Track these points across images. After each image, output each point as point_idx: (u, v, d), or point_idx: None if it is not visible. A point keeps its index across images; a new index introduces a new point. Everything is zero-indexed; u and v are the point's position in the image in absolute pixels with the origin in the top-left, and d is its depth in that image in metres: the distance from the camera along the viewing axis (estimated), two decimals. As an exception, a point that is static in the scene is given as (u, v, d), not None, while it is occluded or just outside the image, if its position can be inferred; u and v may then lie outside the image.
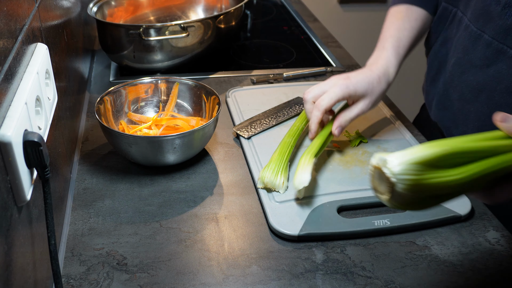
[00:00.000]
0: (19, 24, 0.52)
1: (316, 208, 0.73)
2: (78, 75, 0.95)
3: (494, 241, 0.71)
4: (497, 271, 0.66)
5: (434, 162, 0.48)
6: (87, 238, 0.69)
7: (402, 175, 0.46)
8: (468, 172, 0.50)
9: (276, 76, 1.13)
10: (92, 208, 0.74)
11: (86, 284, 0.62)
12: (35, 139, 0.46)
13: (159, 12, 1.31)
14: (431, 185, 0.48)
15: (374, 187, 0.50)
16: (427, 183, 0.47)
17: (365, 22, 2.15)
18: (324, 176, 0.80)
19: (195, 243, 0.69)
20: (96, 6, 1.15)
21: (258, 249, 0.68)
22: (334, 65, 1.22)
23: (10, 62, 0.47)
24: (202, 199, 0.77)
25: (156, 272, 0.64)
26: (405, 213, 0.73)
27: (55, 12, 0.75)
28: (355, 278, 0.64)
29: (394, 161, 0.47)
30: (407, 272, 0.65)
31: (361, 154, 0.86)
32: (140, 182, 0.80)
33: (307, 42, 1.36)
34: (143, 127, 0.88)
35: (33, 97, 0.51)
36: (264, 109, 0.99)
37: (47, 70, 0.59)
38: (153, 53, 1.08)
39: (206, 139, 0.83)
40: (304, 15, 1.56)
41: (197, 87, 0.91)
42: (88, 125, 0.95)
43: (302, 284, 0.63)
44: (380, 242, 0.70)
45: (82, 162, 0.84)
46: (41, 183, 0.50)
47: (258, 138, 0.90)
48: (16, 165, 0.45)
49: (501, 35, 0.74)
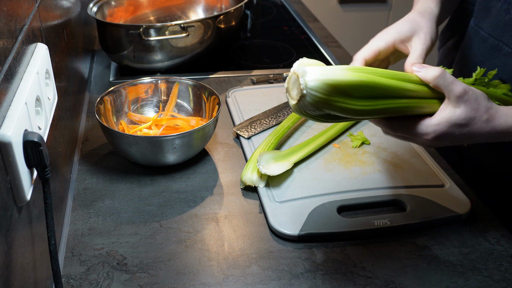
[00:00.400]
0: (19, 24, 0.52)
1: (316, 208, 0.73)
2: (78, 75, 0.95)
3: (494, 241, 0.71)
4: (497, 271, 0.66)
5: (347, 89, 0.51)
6: (87, 238, 0.69)
7: (314, 91, 0.50)
8: (373, 107, 0.54)
9: (276, 76, 1.13)
10: (92, 208, 0.74)
11: (86, 284, 0.62)
12: (35, 139, 0.46)
13: (159, 12, 1.31)
14: (336, 107, 0.52)
15: (287, 88, 0.54)
16: (333, 104, 0.51)
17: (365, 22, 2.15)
18: (324, 176, 0.80)
19: (195, 243, 0.69)
20: (96, 6, 1.15)
21: (258, 249, 0.68)
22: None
23: (10, 62, 0.47)
24: (202, 199, 0.77)
25: (156, 272, 0.64)
26: (405, 213, 0.73)
27: (55, 12, 0.75)
28: (355, 278, 0.64)
29: (311, 75, 0.50)
30: (407, 272, 0.65)
31: (361, 154, 0.86)
32: (140, 182, 0.80)
33: (307, 42, 1.36)
34: (143, 127, 0.88)
35: (33, 97, 0.51)
36: (264, 109, 0.99)
37: (47, 70, 0.59)
38: (153, 53, 1.08)
39: (206, 139, 0.83)
40: (304, 15, 1.56)
41: (197, 87, 0.91)
42: (88, 125, 0.95)
43: (302, 284, 0.63)
44: (380, 242, 0.70)
45: (82, 162, 0.84)
46: (41, 183, 0.50)
47: (258, 138, 0.90)
48: (16, 165, 0.45)
49: (498, 32, 0.74)
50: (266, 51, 1.33)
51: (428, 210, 0.73)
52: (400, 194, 0.76)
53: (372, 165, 0.83)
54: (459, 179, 0.83)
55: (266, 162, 0.76)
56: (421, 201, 0.75)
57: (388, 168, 0.82)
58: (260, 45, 1.37)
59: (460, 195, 0.77)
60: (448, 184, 0.79)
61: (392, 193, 0.76)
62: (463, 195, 0.77)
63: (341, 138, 0.91)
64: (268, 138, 0.83)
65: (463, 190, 0.79)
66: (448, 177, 0.81)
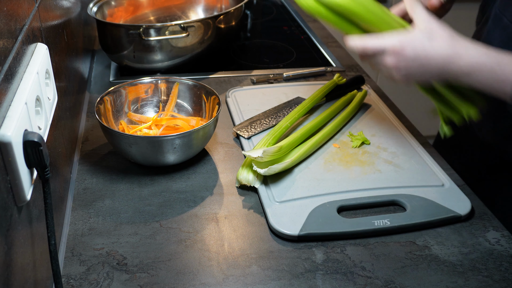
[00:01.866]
0: (19, 24, 0.52)
1: (316, 208, 0.73)
2: (78, 75, 0.95)
3: (494, 241, 0.71)
4: (497, 271, 0.66)
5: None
6: (87, 238, 0.69)
7: None
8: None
9: (276, 76, 1.13)
10: (92, 208, 0.74)
11: (86, 284, 0.62)
12: (35, 139, 0.46)
13: (159, 12, 1.31)
14: None
15: None
16: None
17: (365, 22, 2.15)
18: (324, 176, 0.80)
19: (195, 243, 0.69)
20: (96, 6, 1.15)
21: (258, 249, 0.68)
22: (334, 65, 1.22)
23: (10, 62, 0.47)
24: (202, 199, 0.77)
25: (156, 272, 0.64)
26: (405, 213, 0.73)
27: (55, 12, 0.75)
28: (355, 278, 0.64)
29: None
30: (407, 272, 0.65)
31: (361, 154, 0.86)
32: (140, 182, 0.80)
33: (307, 42, 1.36)
34: (143, 127, 0.88)
35: (33, 97, 0.51)
36: (264, 109, 0.99)
37: (47, 70, 0.59)
38: (153, 53, 1.08)
39: (206, 139, 0.83)
40: (304, 15, 1.56)
41: (197, 87, 0.91)
42: (88, 125, 0.95)
43: (302, 284, 0.63)
44: (380, 242, 0.70)
45: (82, 162, 0.84)
46: (41, 183, 0.50)
47: (258, 138, 0.90)
48: (16, 165, 0.45)
49: None
50: (266, 51, 1.33)
51: (428, 210, 0.73)
52: (400, 194, 0.76)
53: (372, 165, 0.83)
54: (459, 179, 0.83)
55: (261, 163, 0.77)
56: (421, 201, 0.75)
57: (388, 168, 0.82)
58: (260, 45, 1.37)
59: (460, 195, 0.77)
60: (448, 184, 0.79)
61: (392, 193, 0.76)
62: (463, 195, 0.77)
63: (341, 138, 0.91)
64: (266, 137, 0.83)
65: (463, 190, 0.79)
66: (448, 177, 0.81)
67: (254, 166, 0.75)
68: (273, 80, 1.12)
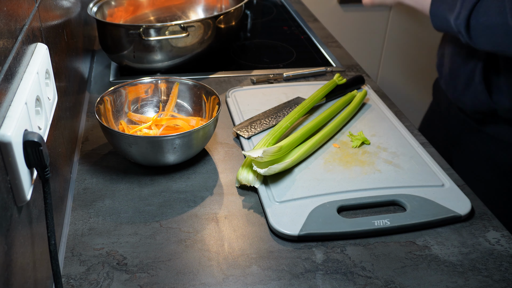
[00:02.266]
0: (19, 24, 0.52)
1: (316, 208, 0.73)
2: (78, 75, 0.95)
3: (494, 241, 0.71)
4: (497, 271, 0.66)
5: None
6: (87, 238, 0.69)
7: None
8: None
9: (276, 76, 1.13)
10: (92, 208, 0.74)
11: (86, 284, 0.62)
12: (35, 139, 0.46)
13: (159, 12, 1.31)
14: None
15: None
16: None
17: (365, 22, 2.15)
18: (324, 176, 0.80)
19: (195, 243, 0.69)
20: (96, 6, 1.15)
21: (258, 249, 0.68)
22: (334, 65, 1.22)
23: (10, 62, 0.47)
24: (202, 199, 0.77)
25: (156, 272, 0.64)
26: (405, 213, 0.73)
27: (55, 12, 0.75)
28: (355, 278, 0.64)
29: None
30: (407, 272, 0.65)
31: (361, 154, 0.86)
32: (140, 182, 0.80)
33: (307, 42, 1.36)
34: (143, 127, 0.88)
35: (33, 97, 0.51)
36: (264, 109, 0.99)
37: (47, 70, 0.59)
38: (153, 53, 1.08)
39: (206, 139, 0.83)
40: (304, 15, 1.56)
41: (197, 87, 0.91)
42: (88, 125, 0.95)
43: (302, 284, 0.63)
44: (380, 242, 0.70)
45: (82, 162, 0.84)
46: (41, 183, 0.50)
47: (258, 138, 0.90)
48: (16, 165, 0.45)
49: None
50: (266, 51, 1.33)
51: (428, 210, 0.73)
52: (400, 194, 0.76)
53: (372, 165, 0.83)
54: (459, 179, 0.83)
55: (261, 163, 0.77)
56: (421, 201, 0.75)
57: (388, 168, 0.82)
58: (260, 45, 1.37)
59: (460, 195, 0.77)
60: (448, 184, 0.79)
61: (392, 193, 0.76)
62: (463, 195, 0.77)
63: (341, 138, 0.91)
64: (266, 137, 0.83)
65: (463, 190, 0.79)
66: (448, 177, 0.81)
67: (254, 166, 0.75)
68: (273, 80, 1.13)
